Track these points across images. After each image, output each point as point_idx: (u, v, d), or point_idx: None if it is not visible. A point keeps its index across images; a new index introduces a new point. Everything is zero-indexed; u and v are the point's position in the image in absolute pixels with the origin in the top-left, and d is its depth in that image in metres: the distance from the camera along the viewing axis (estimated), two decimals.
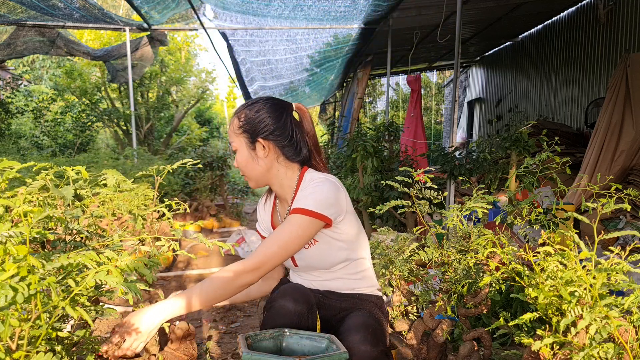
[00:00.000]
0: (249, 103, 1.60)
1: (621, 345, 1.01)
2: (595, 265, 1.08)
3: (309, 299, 1.43)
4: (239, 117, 1.58)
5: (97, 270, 0.90)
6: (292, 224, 1.45)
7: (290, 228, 1.44)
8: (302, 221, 1.45)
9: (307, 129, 1.63)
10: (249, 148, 1.57)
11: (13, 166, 1.11)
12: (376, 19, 6.70)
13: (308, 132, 1.63)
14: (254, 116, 1.56)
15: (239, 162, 1.59)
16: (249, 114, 1.57)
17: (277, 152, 1.57)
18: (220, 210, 6.52)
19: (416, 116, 8.97)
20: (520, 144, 3.69)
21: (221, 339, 2.83)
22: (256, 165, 1.57)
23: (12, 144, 8.38)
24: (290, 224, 1.45)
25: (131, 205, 1.60)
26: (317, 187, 1.50)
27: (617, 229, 3.92)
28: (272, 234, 1.48)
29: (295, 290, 1.43)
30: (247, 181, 1.64)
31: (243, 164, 1.58)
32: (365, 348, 1.31)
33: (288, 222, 1.46)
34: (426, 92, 18.37)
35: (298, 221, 1.45)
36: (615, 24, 6.60)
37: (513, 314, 2.26)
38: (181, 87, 12.41)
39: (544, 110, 8.77)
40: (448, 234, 1.85)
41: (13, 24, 6.66)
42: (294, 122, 1.60)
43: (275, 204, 1.73)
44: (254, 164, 1.57)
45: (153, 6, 6.68)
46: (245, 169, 1.59)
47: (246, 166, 1.58)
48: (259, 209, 1.80)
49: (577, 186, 2.52)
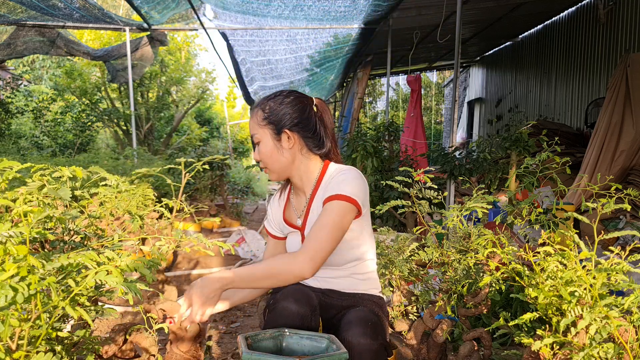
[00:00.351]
0: (271, 96, 1.61)
1: (621, 345, 1.01)
2: (595, 265, 1.08)
3: (312, 301, 1.43)
4: (264, 109, 1.57)
5: (97, 270, 0.90)
6: (332, 212, 1.45)
7: (332, 216, 1.44)
8: (340, 207, 1.45)
9: (327, 122, 1.65)
10: (274, 139, 1.56)
11: (13, 166, 1.11)
12: (376, 19, 6.70)
13: (328, 125, 1.65)
14: (279, 108, 1.56)
15: (263, 153, 1.58)
16: (274, 105, 1.57)
17: (301, 143, 1.58)
18: (220, 210, 6.52)
19: (416, 116, 8.97)
20: (520, 144, 3.69)
21: (221, 339, 2.83)
22: (280, 157, 1.57)
23: (12, 144, 8.38)
24: (330, 212, 1.45)
25: (129, 206, 1.60)
26: (347, 175, 1.52)
27: (617, 229, 3.92)
28: (315, 226, 1.45)
29: (298, 292, 1.43)
30: (268, 174, 1.63)
31: (267, 155, 1.58)
32: (365, 341, 1.31)
33: (328, 211, 1.45)
34: (426, 92, 18.37)
35: (337, 207, 1.45)
36: (615, 24, 6.60)
37: (513, 314, 2.26)
38: (181, 87, 12.41)
39: (544, 110, 8.77)
40: (448, 234, 1.85)
41: (13, 24, 6.66)
42: (316, 114, 1.61)
43: (289, 197, 1.73)
44: (278, 155, 1.57)
45: (153, 6, 6.68)
46: (268, 161, 1.59)
47: (270, 157, 1.58)
48: (272, 205, 1.79)
49: (577, 186, 2.52)
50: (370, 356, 1.31)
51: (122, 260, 0.96)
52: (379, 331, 1.39)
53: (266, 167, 1.62)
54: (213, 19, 7.41)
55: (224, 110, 20.87)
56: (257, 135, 1.58)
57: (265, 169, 1.62)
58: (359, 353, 1.30)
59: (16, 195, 1.07)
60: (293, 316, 1.36)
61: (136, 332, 1.39)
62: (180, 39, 12.88)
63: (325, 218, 1.44)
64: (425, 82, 17.45)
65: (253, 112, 1.61)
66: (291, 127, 1.56)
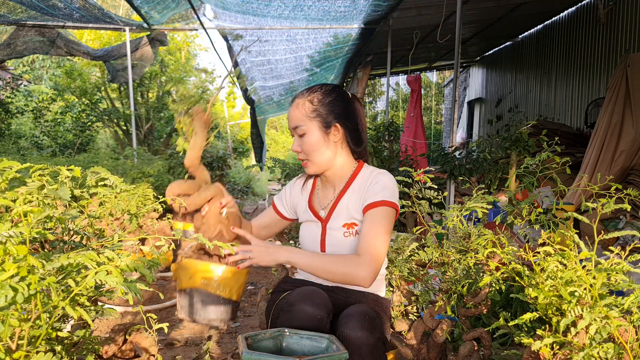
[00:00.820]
0: (316, 88, 1.59)
1: (621, 345, 1.01)
2: (595, 265, 1.08)
3: (328, 304, 1.43)
4: (312, 101, 1.56)
5: (97, 270, 0.90)
6: (384, 218, 1.49)
7: (384, 223, 1.48)
8: (388, 213, 1.50)
9: (363, 119, 1.66)
10: (322, 132, 1.55)
11: (13, 166, 1.11)
12: (376, 19, 6.70)
13: (364, 123, 1.66)
14: (327, 100, 1.56)
15: (309, 145, 1.56)
16: (322, 98, 1.56)
17: (344, 138, 1.59)
18: None
19: (416, 116, 8.97)
20: (520, 144, 3.69)
21: (221, 339, 2.83)
22: (326, 150, 1.57)
23: (12, 144, 8.38)
24: (382, 219, 1.49)
25: (129, 206, 1.60)
26: (387, 180, 1.55)
27: (617, 229, 3.92)
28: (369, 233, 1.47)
29: (315, 294, 1.42)
30: (307, 166, 1.61)
31: (313, 147, 1.56)
32: (362, 334, 1.31)
33: (379, 218, 1.49)
34: (426, 92, 18.36)
35: (386, 214, 1.50)
36: (615, 24, 6.60)
37: (513, 314, 2.26)
38: (181, 87, 12.40)
39: (544, 110, 8.77)
40: (448, 234, 1.85)
41: (13, 24, 6.65)
42: (357, 110, 1.62)
43: (315, 187, 1.73)
44: (324, 148, 1.56)
45: (153, 6, 6.68)
46: (312, 153, 1.57)
47: (316, 150, 1.56)
48: (293, 188, 1.78)
49: (577, 186, 2.52)
50: (368, 350, 1.31)
51: (122, 260, 0.96)
52: (376, 325, 1.40)
53: (307, 159, 1.59)
54: (213, 19, 7.40)
55: (224, 110, 20.86)
56: (303, 127, 1.55)
57: (306, 161, 1.60)
58: (357, 346, 1.30)
59: (16, 195, 1.07)
60: (310, 319, 1.35)
61: (136, 332, 1.39)
62: (180, 39, 12.87)
63: (378, 226, 1.48)
64: (425, 82, 17.45)
65: (298, 104, 1.58)
66: (339, 121, 1.56)
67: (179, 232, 1.24)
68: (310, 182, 1.75)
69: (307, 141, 1.56)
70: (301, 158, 1.61)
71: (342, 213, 1.61)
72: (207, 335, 2.86)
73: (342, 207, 1.61)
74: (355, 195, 1.60)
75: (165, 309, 3.36)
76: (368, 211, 1.51)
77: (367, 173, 1.62)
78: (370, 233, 1.47)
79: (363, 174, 1.63)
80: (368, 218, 1.51)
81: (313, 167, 1.60)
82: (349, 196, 1.61)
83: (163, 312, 3.31)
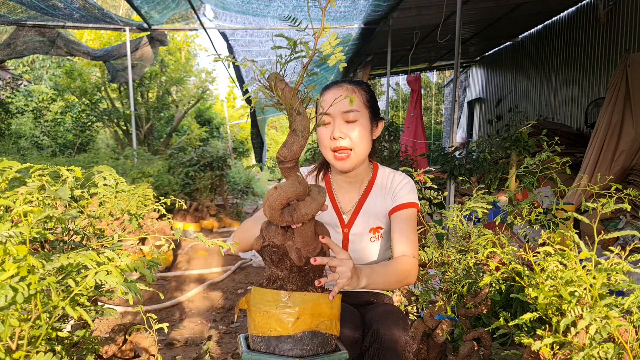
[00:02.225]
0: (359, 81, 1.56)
1: (621, 345, 1.01)
2: (595, 265, 1.08)
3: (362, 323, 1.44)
4: (366, 90, 1.53)
5: (97, 270, 0.90)
6: (412, 220, 1.53)
7: (413, 224, 1.53)
8: (414, 214, 1.55)
9: None
10: (372, 123, 1.53)
11: (13, 166, 1.11)
12: (376, 19, 6.70)
13: None
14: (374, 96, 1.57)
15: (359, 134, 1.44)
16: (370, 92, 1.55)
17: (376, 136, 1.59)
18: (220, 210, 6.52)
19: (416, 116, 8.97)
20: (520, 144, 3.69)
21: (221, 339, 2.83)
22: (369, 143, 1.52)
23: (12, 144, 8.38)
24: (411, 220, 1.53)
25: (129, 206, 1.59)
26: (407, 181, 1.59)
27: (617, 229, 3.92)
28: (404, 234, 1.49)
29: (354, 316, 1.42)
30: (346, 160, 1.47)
31: (362, 137, 1.46)
32: (397, 332, 1.34)
33: (409, 220, 1.52)
34: (426, 92, 18.37)
35: (413, 215, 1.54)
36: (615, 24, 6.60)
37: (513, 314, 2.26)
38: (181, 87, 12.40)
39: (544, 110, 8.77)
40: (448, 234, 1.85)
41: (13, 24, 6.65)
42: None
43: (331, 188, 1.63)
44: (368, 140, 1.50)
45: (153, 6, 6.68)
46: (360, 144, 1.46)
47: (362, 140, 1.46)
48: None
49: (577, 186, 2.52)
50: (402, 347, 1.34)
51: (122, 260, 0.96)
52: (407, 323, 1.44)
53: (352, 150, 1.46)
54: (213, 19, 7.40)
55: (224, 110, 20.86)
56: (357, 113, 1.45)
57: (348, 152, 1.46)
58: (392, 343, 1.33)
59: (16, 195, 1.07)
60: (348, 341, 1.35)
61: (136, 332, 1.39)
62: (180, 39, 12.87)
63: (413, 227, 1.53)
64: (425, 82, 17.45)
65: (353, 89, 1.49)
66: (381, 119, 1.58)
67: (178, 232, 1.25)
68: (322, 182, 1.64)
69: (359, 129, 1.45)
70: (343, 147, 1.44)
71: (367, 216, 1.58)
72: (207, 335, 2.86)
73: (367, 209, 1.58)
74: (380, 197, 1.58)
75: (165, 309, 3.36)
76: (400, 211, 1.53)
77: (385, 173, 1.62)
78: (410, 234, 1.50)
79: (382, 175, 1.62)
80: (403, 218, 1.53)
81: (354, 159, 1.47)
82: (374, 198, 1.59)
83: (163, 312, 3.32)
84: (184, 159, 6.53)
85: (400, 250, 1.47)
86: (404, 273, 1.41)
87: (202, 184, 6.28)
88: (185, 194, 6.26)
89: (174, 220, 5.76)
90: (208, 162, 6.37)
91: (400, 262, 1.43)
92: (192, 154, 6.61)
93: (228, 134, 18.80)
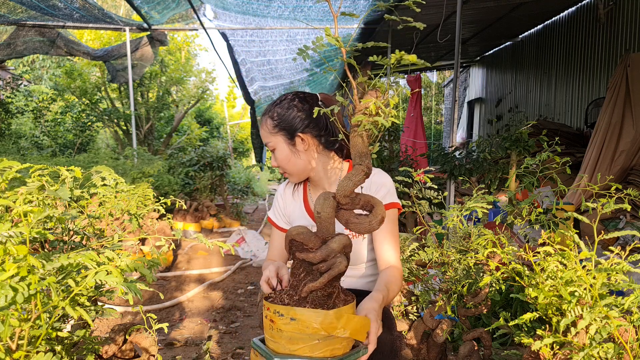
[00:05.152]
0: (276, 102, 1.61)
1: (621, 345, 1.01)
2: (595, 265, 1.08)
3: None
4: (272, 117, 1.58)
5: (97, 271, 0.90)
6: (393, 222, 1.53)
7: (394, 225, 1.53)
8: (395, 214, 1.54)
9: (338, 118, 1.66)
10: (288, 144, 1.57)
11: (13, 166, 1.11)
12: (376, 19, 6.70)
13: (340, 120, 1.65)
14: (287, 112, 1.57)
15: (280, 159, 1.59)
16: (281, 111, 1.57)
17: (316, 143, 1.59)
18: (220, 210, 6.52)
19: (416, 116, 8.98)
20: (520, 144, 3.69)
21: (221, 339, 2.83)
22: (298, 160, 1.58)
23: (12, 144, 8.37)
24: (393, 222, 1.53)
25: (129, 206, 1.59)
26: (385, 180, 1.58)
27: (617, 229, 3.92)
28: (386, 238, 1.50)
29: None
30: (288, 177, 1.65)
31: (285, 160, 1.59)
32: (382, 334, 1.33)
33: (391, 221, 1.52)
34: (426, 92, 18.37)
35: (393, 216, 1.54)
36: (615, 24, 6.60)
37: (513, 314, 2.26)
38: (181, 87, 12.40)
39: (544, 110, 8.77)
40: (448, 234, 1.85)
41: (13, 24, 6.66)
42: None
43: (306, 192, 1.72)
44: (295, 159, 1.58)
45: (153, 6, 6.68)
46: (287, 166, 1.60)
47: (288, 162, 1.59)
48: (283, 197, 1.75)
49: (577, 186, 2.52)
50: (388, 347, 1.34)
51: (122, 261, 0.96)
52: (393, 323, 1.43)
53: (285, 172, 1.63)
54: (213, 19, 7.40)
55: (224, 110, 20.87)
56: (270, 144, 1.59)
57: (285, 173, 1.63)
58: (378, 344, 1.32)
59: (16, 195, 1.07)
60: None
61: (136, 332, 1.39)
62: (180, 39, 12.87)
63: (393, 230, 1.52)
64: (425, 82, 17.45)
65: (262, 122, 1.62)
66: (303, 130, 1.56)
67: (179, 232, 1.24)
68: (300, 187, 1.74)
69: (277, 156, 1.59)
70: (280, 172, 1.65)
71: None
72: (207, 335, 2.86)
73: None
74: None
75: (165, 309, 3.36)
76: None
77: None
78: (391, 239, 1.51)
79: None
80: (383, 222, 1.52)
81: (293, 177, 1.64)
82: None
83: (163, 312, 3.32)
84: (184, 159, 6.53)
85: (384, 259, 1.50)
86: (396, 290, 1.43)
87: (202, 184, 6.28)
88: (185, 194, 6.26)
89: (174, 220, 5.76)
90: (208, 162, 6.37)
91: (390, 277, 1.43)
92: (192, 154, 6.61)
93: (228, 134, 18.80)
